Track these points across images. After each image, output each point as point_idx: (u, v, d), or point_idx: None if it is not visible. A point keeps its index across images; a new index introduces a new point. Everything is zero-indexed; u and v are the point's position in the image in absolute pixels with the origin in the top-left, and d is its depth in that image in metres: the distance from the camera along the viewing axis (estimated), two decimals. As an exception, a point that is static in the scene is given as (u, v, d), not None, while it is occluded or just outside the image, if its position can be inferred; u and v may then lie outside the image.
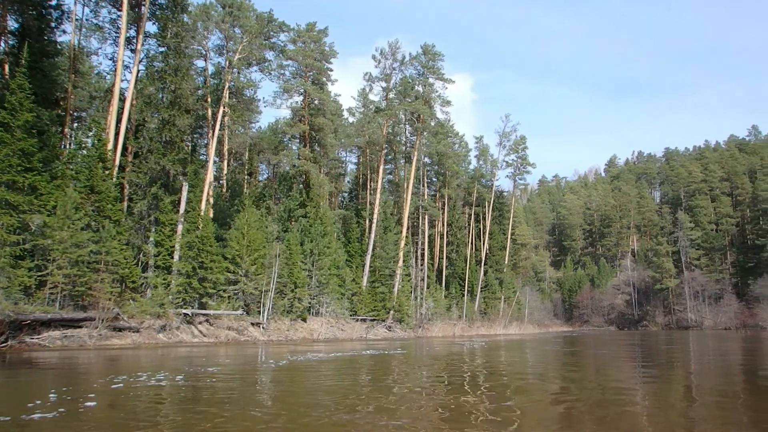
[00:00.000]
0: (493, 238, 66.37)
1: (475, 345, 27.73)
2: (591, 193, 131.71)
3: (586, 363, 15.57)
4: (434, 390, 8.65)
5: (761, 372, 12.79)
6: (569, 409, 6.59)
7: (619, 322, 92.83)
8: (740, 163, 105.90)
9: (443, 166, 59.81)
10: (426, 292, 49.00)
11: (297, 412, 6.59)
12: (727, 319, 75.38)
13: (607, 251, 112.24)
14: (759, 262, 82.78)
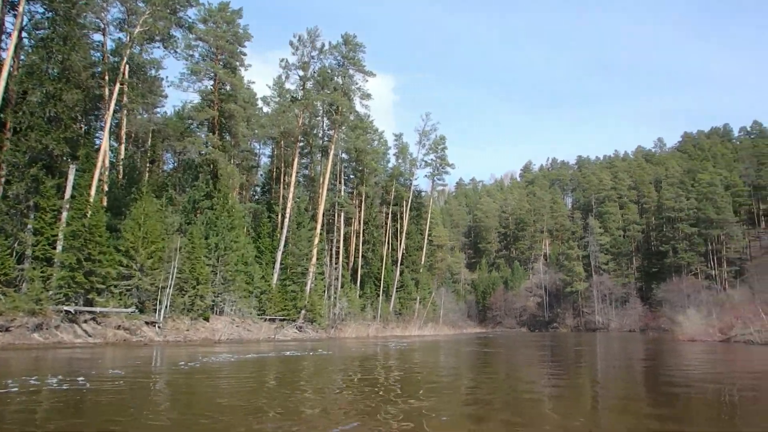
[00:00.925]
0: (410, 238, 66.41)
1: (389, 346, 27.11)
2: (507, 197, 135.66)
3: (499, 363, 15.55)
4: (346, 392, 8.32)
5: (661, 370, 13.23)
6: (479, 408, 6.58)
7: (530, 323, 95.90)
8: (647, 173, 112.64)
9: (361, 162, 59.10)
10: (340, 292, 48.04)
11: (194, 420, 6.03)
12: (632, 321, 79.47)
13: (521, 254, 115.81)
14: (662, 268, 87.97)
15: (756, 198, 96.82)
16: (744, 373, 12.07)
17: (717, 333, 24.33)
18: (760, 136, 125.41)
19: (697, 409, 6.67)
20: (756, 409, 6.91)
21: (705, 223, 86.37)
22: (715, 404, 7.15)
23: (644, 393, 8.41)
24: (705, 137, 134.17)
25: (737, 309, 26.59)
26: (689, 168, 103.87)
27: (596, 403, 7.30)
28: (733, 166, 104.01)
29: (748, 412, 6.63)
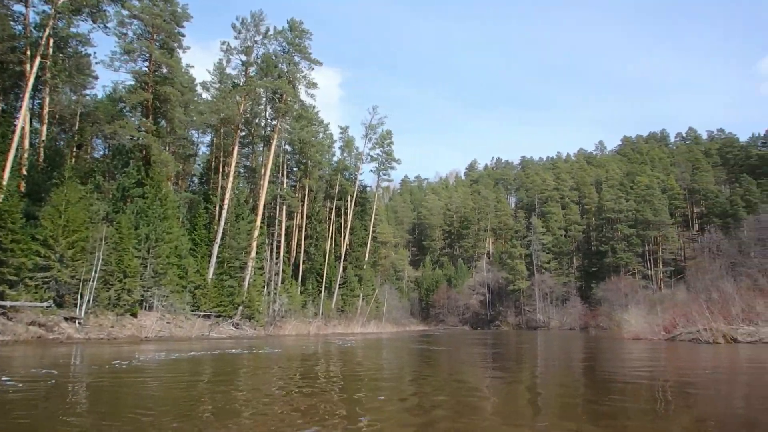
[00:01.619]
0: (355, 234, 65.53)
1: (331, 344, 26.19)
2: (452, 195, 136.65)
3: (442, 362, 15.14)
4: (285, 393, 7.92)
5: (598, 367, 13.47)
6: (422, 409, 6.46)
7: (473, 321, 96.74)
8: (588, 175, 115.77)
9: (305, 154, 57.74)
10: (280, 288, 46.70)
11: (114, 427, 5.43)
12: (572, 320, 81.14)
13: (464, 252, 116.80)
14: (601, 267, 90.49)
15: (690, 201, 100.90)
16: (688, 370, 12.01)
17: (662, 331, 24.54)
18: (694, 142, 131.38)
19: (635, 407, 6.69)
20: (691, 403, 7.10)
21: (643, 224, 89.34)
22: (657, 401, 7.28)
23: (588, 391, 8.49)
24: (643, 141, 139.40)
25: (680, 307, 27.02)
26: (628, 171, 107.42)
27: (537, 400, 7.36)
28: (669, 170, 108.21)
29: (681, 407, 6.80)
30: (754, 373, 11.56)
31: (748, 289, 23.87)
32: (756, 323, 20.58)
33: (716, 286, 24.93)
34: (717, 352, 16.38)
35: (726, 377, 10.74)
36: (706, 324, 20.56)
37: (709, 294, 24.65)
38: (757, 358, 14.43)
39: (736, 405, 7.18)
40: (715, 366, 12.97)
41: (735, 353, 16.04)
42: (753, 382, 9.94)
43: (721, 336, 19.64)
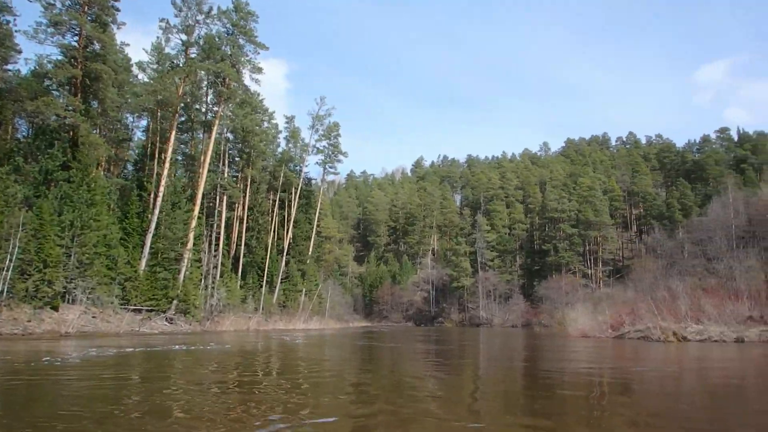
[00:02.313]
0: (298, 227, 63.98)
1: (272, 340, 24.97)
2: (398, 191, 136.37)
3: (384, 358, 14.84)
4: (220, 390, 7.55)
5: (546, 363, 13.63)
6: (363, 405, 6.38)
7: (416, 318, 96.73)
8: (533, 175, 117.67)
9: (248, 143, 55.77)
10: (219, 281, 44.78)
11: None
12: (515, 317, 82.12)
13: (409, 248, 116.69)
14: (543, 266, 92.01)
15: (629, 203, 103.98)
16: (634, 367, 11.91)
17: (608, 329, 24.50)
18: (634, 146, 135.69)
19: (573, 404, 6.68)
20: (634, 399, 7.18)
21: (584, 224, 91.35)
22: (597, 396, 7.33)
23: (530, 386, 8.47)
24: (586, 144, 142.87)
25: (626, 306, 27.14)
26: (571, 172, 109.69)
27: (478, 396, 7.38)
28: (611, 173, 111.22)
29: (620, 402, 6.85)
30: (698, 370, 11.54)
31: (694, 288, 24.09)
32: (702, 322, 20.65)
33: (666, 286, 25.08)
34: (667, 350, 16.27)
35: (670, 374, 10.68)
36: (655, 322, 20.49)
37: (654, 293, 24.76)
38: (705, 356, 14.37)
39: (673, 401, 7.21)
40: (663, 363, 12.90)
41: (684, 351, 15.97)
42: (695, 378, 9.95)
43: (671, 334, 19.56)
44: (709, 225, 33.09)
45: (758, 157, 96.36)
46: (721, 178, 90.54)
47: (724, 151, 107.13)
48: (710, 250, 30.93)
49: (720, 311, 20.29)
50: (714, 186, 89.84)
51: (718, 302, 20.92)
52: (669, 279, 26.96)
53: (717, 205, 35.34)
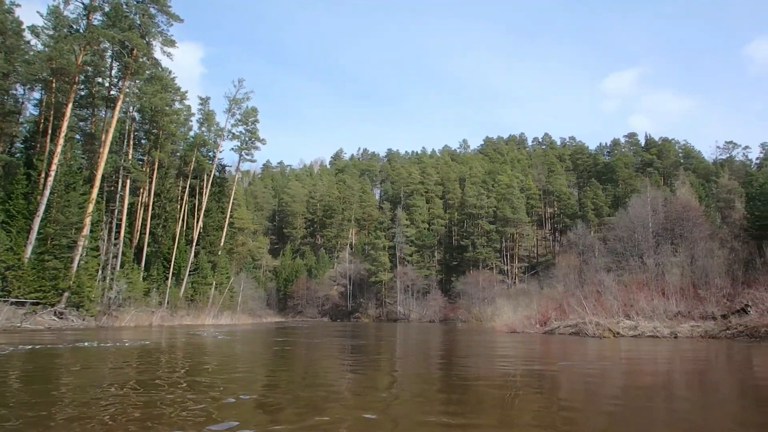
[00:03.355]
0: (210, 217, 60.75)
1: (178, 336, 22.76)
2: (316, 183, 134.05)
3: (298, 355, 14.07)
4: (114, 392, 6.89)
5: (464, 359, 13.58)
6: (274, 406, 6.06)
7: (332, 313, 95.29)
8: (453, 171, 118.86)
9: (157, 124, 52.08)
10: (119, 272, 41.38)
11: None
12: (432, 312, 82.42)
13: (327, 242, 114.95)
14: (462, 262, 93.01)
15: (545, 202, 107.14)
16: (559, 362, 11.61)
17: (537, 325, 24.06)
18: (549, 147, 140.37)
19: (491, 400, 6.63)
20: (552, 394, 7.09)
21: (502, 221, 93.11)
22: (515, 391, 7.37)
23: (449, 386, 8.21)
24: (504, 143, 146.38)
25: (553, 301, 26.93)
26: (490, 169, 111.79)
27: (395, 393, 7.26)
28: (527, 171, 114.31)
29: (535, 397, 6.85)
30: (629, 365, 11.52)
31: (620, 284, 24.07)
32: (631, 317, 20.46)
33: (594, 281, 24.95)
34: (601, 345, 15.90)
35: (600, 368, 10.72)
36: (586, 317, 20.10)
37: (582, 288, 24.59)
38: (639, 351, 14.10)
39: (589, 395, 7.25)
40: (597, 358, 12.90)
41: (618, 346, 15.64)
42: (624, 374, 9.94)
43: (605, 330, 19.17)
44: (628, 222, 33.68)
45: (663, 161, 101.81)
46: (630, 180, 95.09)
47: (632, 154, 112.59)
48: (632, 247, 31.42)
49: (649, 307, 20.22)
50: (623, 187, 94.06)
51: (647, 298, 20.89)
52: (597, 274, 27.00)
53: (637, 203, 36.10)
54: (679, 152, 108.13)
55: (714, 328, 17.77)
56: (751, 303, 17.64)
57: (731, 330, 17.11)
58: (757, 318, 16.85)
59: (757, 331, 16.32)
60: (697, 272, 23.06)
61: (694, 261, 24.35)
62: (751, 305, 17.51)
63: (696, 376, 9.63)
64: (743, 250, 25.66)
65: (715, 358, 12.51)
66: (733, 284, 20.81)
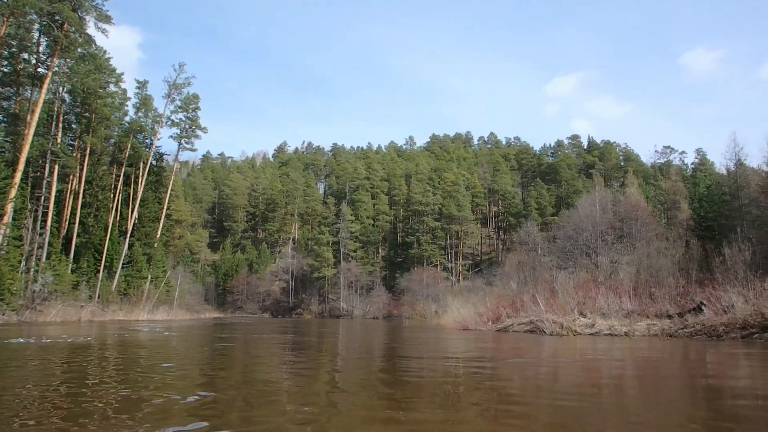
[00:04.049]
0: (146, 207, 58.02)
1: (109, 333, 21.09)
2: (259, 175, 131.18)
3: (238, 352, 13.57)
4: (37, 393, 6.25)
5: (403, 355, 13.26)
6: (211, 406, 5.63)
7: (273, 309, 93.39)
8: (399, 167, 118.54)
9: (89, 107, 49.14)
10: (45, 264, 38.78)
11: None
12: (376, 309, 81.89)
13: (269, 236, 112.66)
14: (406, 258, 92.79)
15: (489, 200, 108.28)
16: (515, 360, 11.29)
17: (489, 322, 23.58)
18: (495, 146, 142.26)
19: (434, 396, 6.42)
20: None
21: (447, 218, 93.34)
22: (459, 387, 7.30)
23: (394, 382, 8.06)
24: (450, 141, 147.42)
25: (504, 298, 26.60)
26: (436, 167, 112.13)
27: (335, 390, 7.03)
28: (473, 170, 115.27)
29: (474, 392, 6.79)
30: (584, 362, 11.33)
31: (574, 282, 23.90)
32: (586, 315, 20.22)
33: (552, 279, 24.67)
34: (556, 343, 15.52)
35: (547, 366, 10.61)
36: (541, 315, 19.72)
37: (535, 286, 24.30)
38: (596, 349, 13.81)
39: (539, 390, 7.19)
40: (550, 354, 12.79)
41: (573, 344, 15.30)
42: (577, 371, 9.79)
43: (561, 327, 18.79)
44: (578, 221, 33.83)
45: (605, 164, 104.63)
46: (573, 181, 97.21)
47: (575, 156, 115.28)
48: (582, 245, 31.54)
49: (604, 305, 20.01)
50: (566, 188, 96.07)
51: (602, 296, 20.70)
52: (549, 272, 26.85)
53: (587, 201, 36.37)
54: (620, 155, 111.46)
55: (671, 327, 17.66)
56: (706, 301, 17.62)
57: (688, 328, 17.02)
58: (713, 317, 16.81)
59: (715, 330, 16.25)
60: (650, 271, 23.15)
61: (647, 259, 24.45)
62: (706, 304, 17.49)
63: (649, 372, 9.67)
64: (697, 249, 26.02)
65: (670, 356, 12.43)
66: (686, 283, 20.91)
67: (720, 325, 16.21)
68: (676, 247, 26.67)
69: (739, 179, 36.73)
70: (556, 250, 33.92)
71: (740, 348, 13.60)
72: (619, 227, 32.60)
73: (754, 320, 15.49)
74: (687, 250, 26.23)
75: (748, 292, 16.83)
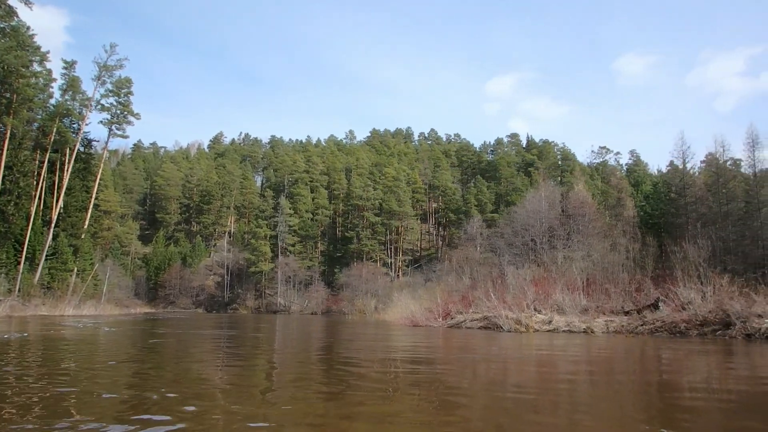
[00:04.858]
0: (72, 196, 54.84)
1: (30, 329, 19.46)
2: (193, 166, 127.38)
3: (170, 348, 13.07)
4: None
5: (335, 350, 13.26)
6: (143, 398, 5.61)
7: (208, 304, 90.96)
8: (339, 161, 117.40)
9: (10, 87, 45.81)
10: (-43, 255, 35.85)
11: None
12: (315, 304, 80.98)
13: (204, 229, 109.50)
14: (346, 253, 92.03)
15: (429, 196, 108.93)
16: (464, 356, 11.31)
17: (439, 318, 23.25)
18: (435, 142, 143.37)
19: (376, 391, 6.45)
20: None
21: (387, 213, 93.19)
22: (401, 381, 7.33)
23: (333, 379, 7.88)
24: (391, 136, 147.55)
25: (454, 294, 26.37)
26: (377, 162, 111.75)
27: (271, 387, 6.91)
28: (414, 165, 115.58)
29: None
30: (531, 357, 11.47)
31: (525, 278, 23.87)
32: (541, 311, 20.16)
33: (502, 274, 24.56)
34: (514, 339, 15.31)
35: (499, 361, 10.65)
36: (499, 311, 19.49)
37: (487, 282, 24.15)
38: (547, 345, 13.68)
39: (474, 385, 7.22)
40: (504, 350, 12.79)
41: (528, 340, 15.14)
42: (525, 365, 9.89)
43: (518, 323, 18.60)
44: (525, 217, 34.09)
45: (543, 162, 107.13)
46: (512, 179, 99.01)
47: (514, 154, 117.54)
48: (529, 242, 31.75)
49: (558, 301, 20.01)
50: (505, 186, 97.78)
51: (559, 292, 20.69)
52: (498, 267, 26.81)
53: (534, 198, 36.71)
54: (558, 154, 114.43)
55: (630, 324, 17.75)
56: (663, 298, 17.83)
57: (648, 325, 17.13)
58: (672, 313, 16.97)
59: (676, 327, 16.39)
60: (604, 266, 23.41)
61: (602, 255, 24.76)
62: (664, 300, 17.70)
63: (603, 368, 9.79)
64: (653, 246, 26.55)
65: (626, 352, 12.50)
66: (641, 279, 21.18)
67: (681, 321, 16.38)
68: (630, 243, 27.14)
69: (686, 177, 38.08)
70: (504, 246, 34.07)
71: (699, 345, 13.74)
72: (566, 223, 33.07)
73: (714, 317, 15.69)
74: (643, 246, 26.75)
75: (706, 289, 17.09)
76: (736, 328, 14.85)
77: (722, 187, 36.19)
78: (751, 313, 14.91)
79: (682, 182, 37.46)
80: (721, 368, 9.51)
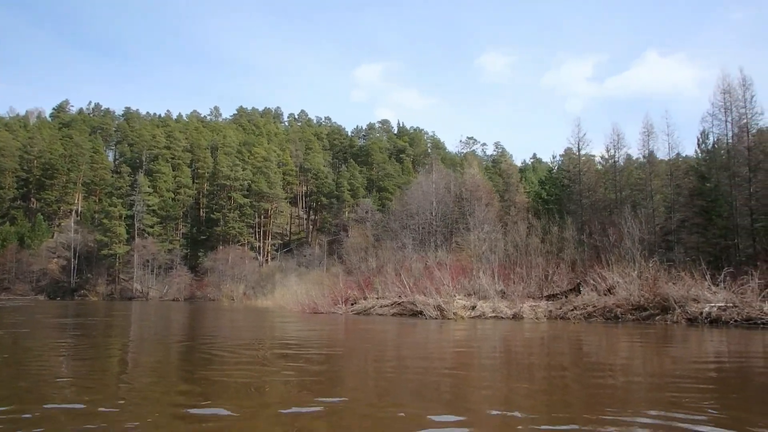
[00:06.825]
0: None
1: None
2: (33, 136, 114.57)
3: (3, 339, 11.99)
4: None
5: (196, 339, 13.02)
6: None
7: (51, 290, 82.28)
8: (204, 138, 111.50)
9: None
10: None
11: None
12: (176, 290, 76.73)
13: (46, 206, 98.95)
14: (211, 236, 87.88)
15: (301, 179, 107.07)
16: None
17: (342, 304, 22.11)
18: (306, 124, 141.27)
19: (241, 385, 6.10)
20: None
21: (257, 195, 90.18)
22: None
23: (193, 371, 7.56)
24: (259, 115, 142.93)
25: (348, 280, 25.41)
26: (245, 141, 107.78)
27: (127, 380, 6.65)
28: (285, 146, 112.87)
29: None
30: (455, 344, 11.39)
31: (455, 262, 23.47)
32: (459, 296, 19.79)
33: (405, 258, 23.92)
34: (431, 327, 14.81)
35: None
36: (412, 297, 18.83)
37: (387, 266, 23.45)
38: (470, 331, 13.37)
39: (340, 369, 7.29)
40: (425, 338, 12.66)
41: (452, 327, 14.65)
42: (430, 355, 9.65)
43: (436, 309, 18.00)
44: (419, 200, 33.89)
45: (414, 149, 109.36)
46: (384, 164, 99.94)
47: (386, 140, 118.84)
48: (427, 225, 31.56)
49: (484, 286, 19.65)
50: (377, 171, 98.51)
51: (483, 275, 20.35)
52: (400, 251, 26.19)
53: (426, 181, 36.64)
54: (428, 143, 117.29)
55: (559, 309, 17.75)
56: (583, 282, 18.06)
57: (579, 310, 17.18)
58: (600, 297, 17.10)
59: (610, 312, 16.47)
60: (519, 250, 23.51)
61: (517, 239, 24.89)
62: (584, 284, 17.93)
63: (520, 352, 9.86)
64: (571, 230, 27.15)
65: (550, 338, 12.41)
66: (559, 263, 21.45)
67: (614, 306, 16.51)
68: (548, 227, 27.68)
69: (581, 165, 40.00)
70: (399, 228, 33.55)
71: (631, 329, 13.86)
72: (460, 206, 33.33)
73: (648, 302, 15.95)
74: (560, 230, 27.36)
75: (633, 272, 17.45)
76: (676, 313, 15.13)
77: (618, 175, 38.62)
78: (689, 296, 15.28)
79: (577, 168, 39.46)
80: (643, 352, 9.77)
